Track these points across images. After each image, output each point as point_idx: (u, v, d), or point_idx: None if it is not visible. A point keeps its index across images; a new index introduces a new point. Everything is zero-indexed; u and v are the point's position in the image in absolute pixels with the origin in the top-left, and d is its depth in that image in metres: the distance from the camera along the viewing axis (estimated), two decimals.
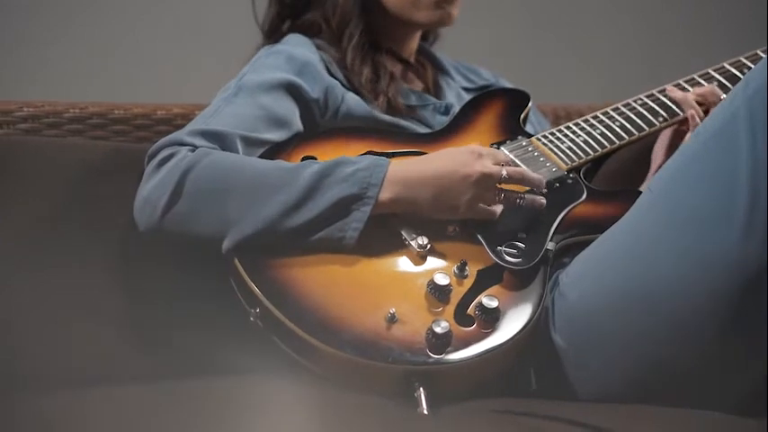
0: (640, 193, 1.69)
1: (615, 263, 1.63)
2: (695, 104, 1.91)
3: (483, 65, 2.27)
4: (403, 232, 1.65)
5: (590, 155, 1.86)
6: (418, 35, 2.08)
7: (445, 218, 1.67)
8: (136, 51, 2.82)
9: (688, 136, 1.91)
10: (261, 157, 1.73)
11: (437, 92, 2.07)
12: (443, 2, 1.97)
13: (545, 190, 1.74)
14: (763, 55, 1.96)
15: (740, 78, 1.86)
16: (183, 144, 1.68)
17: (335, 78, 1.89)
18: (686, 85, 1.95)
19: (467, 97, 2.08)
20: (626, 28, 3.39)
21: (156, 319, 1.72)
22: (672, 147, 1.93)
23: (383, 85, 1.92)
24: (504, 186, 1.69)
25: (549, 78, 3.14)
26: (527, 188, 1.73)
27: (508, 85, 2.20)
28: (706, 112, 1.90)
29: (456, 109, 1.98)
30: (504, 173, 1.67)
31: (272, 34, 2.02)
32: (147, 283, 1.76)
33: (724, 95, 1.90)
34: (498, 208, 1.69)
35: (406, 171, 1.66)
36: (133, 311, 1.73)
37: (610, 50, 3.37)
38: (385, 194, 1.63)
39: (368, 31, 1.97)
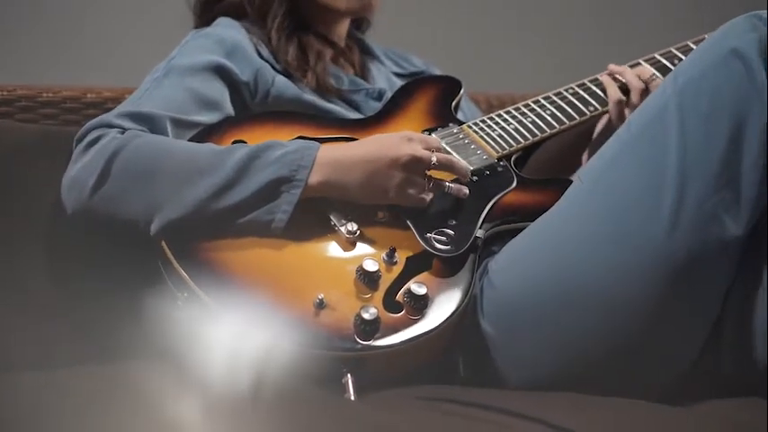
0: (570, 182, 1.70)
1: (544, 251, 1.64)
2: (622, 87, 1.92)
3: (415, 53, 2.27)
4: (332, 218, 1.65)
5: (521, 143, 1.86)
6: (347, 21, 2.07)
7: (375, 202, 1.67)
8: (65, 33, 2.78)
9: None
10: (191, 140, 1.72)
11: (367, 77, 2.06)
12: None
13: (472, 178, 1.75)
14: (693, 46, 1.98)
15: (671, 70, 1.89)
16: (111, 126, 1.67)
17: (266, 61, 1.88)
18: (617, 75, 1.96)
19: (397, 82, 2.08)
20: (560, 17, 3.40)
21: (84, 303, 1.70)
22: (606, 131, 1.94)
23: (311, 62, 1.92)
24: (432, 173, 1.69)
25: (483, 67, 3.13)
26: (455, 176, 1.73)
27: (439, 72, 2.20)
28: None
29: (389, 95, 1.98)
30: (434, 159, 1.67)
31: (203, 15, 2.00)
32: (75, 266, 1.74)
33: (657, 75, 1.91)
34: (428, 195, 1.69)
35: (336, 154, 1.65)
36: (61, 295, 1.71)
37: (544, 39, 3.38)
38: (315, 177, 1.62)
39: (291, 12, 1.95)
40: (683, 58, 1.94)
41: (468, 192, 1.71)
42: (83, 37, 2.80)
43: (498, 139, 1.86)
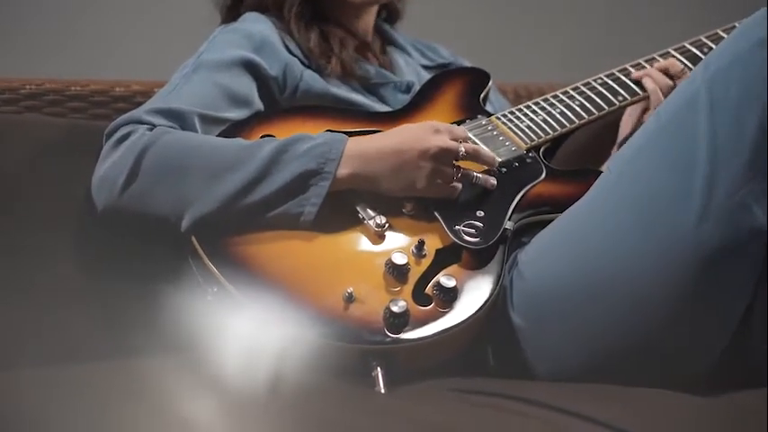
0: (599, 172, 1.70)
1: (572, 242, 1.63)
2: (658, 80, 1.91)
3: (442, 44, 2.27)
4: (360, 211, 1.65)
5: (549, 134, 1.86)
6: (372, 14, 2.06)
7: (404, 194, 1.67)
8: (93, 27, 2.79)
9: (648, 114, 1.91)
10: (220, 135, 1.73)
11: (394, 69, 2.06)
12: None
13: (501, 170, 1.75)
14: (723, 34, 1.97)
15: (701, 58, 1.88)
16: (141, 122, 1.67)
17: (294, 56, 1.88)
18: (646, 65, 1.96)
19: (425, 74, 2.07)
20: (587, 5, 3.39)
21: (118, 298, 1.71)
22: (638, 122, 1.94)
23: (335, 49, 1.92)
24: (460, 164, 1.69)
25: (510, 57, 3.13)
26: (482, 167, 1.73)
27: (467, 64, 2.20)
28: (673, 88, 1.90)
29: (417, 87, 1.97)
30: (462, 149, 1.67)
31: (230, 11, 2.00)
32: (103, 261, 1.75)
33: (689, 67, 1.91)
34: (457, 185, 1.69)
35: (365, 146, 1.65)
36: (93, 290, 1.72)
37: (571, 29, 3.37)
38: (343, 170, 1.63)
39: (307, 1, 1.95)
40: (713, 46, 1.94)
41: (495, 182, 1.71)
42: (111, 30, 2.81)
43: (527, 130, 1.85)
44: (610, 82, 1.94)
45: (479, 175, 1.70)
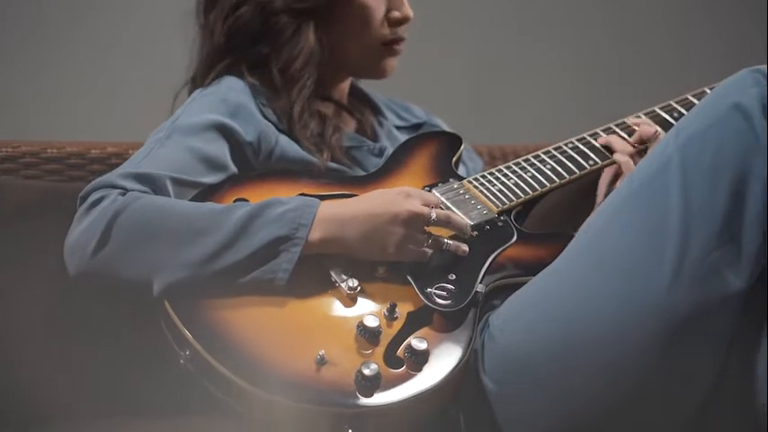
0: (570, 236, 1.71)
1: (545, 306, 1.64)
2: (623, 147, 1.93)
3: (419, 104, 2.28)
4: (333, 274, 1.66)
5: (521, 197, 1.87)
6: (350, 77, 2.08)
7: (375, 259, 1.68)
8: (69, 89, 2.80)
9: (620, 180, 1.93)
10: (193, 199, 1.73)
11: (368, 131, 2.07)
12: (391, 54, 1.99)
13: (472, 233, 1.76)
14: (693, 99, 1.99)
15: (671, 123, 1.91)
16: (114, 187, 1.67)
17: (269, 121, 1.88)
18: (617, 129, 1.97)
19: (399, 136, 2.08)
20: (561, 69, 3.42)
21: (87, 361, 1.71)
22: (611, 186, 1.94)
23: (327, 138, 1.91)
24: (431, 230, 1.70)
25: (485, 119, 3.16)
26: (453, 232, 1.74)
27: (440, 123, 2.21)
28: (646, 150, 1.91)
29: (390, 151, 1.98)
30: (434, 215, 1.68)
31: (208, 71, 1.97)
32: (78, 325, 1.74)
33: (660, 131, 1.93)
34: (427, 251, 1.69)
35: (337, 211, 1.66)
36: (63, 353, 1.72)
37: (545, 92, 3.39)
38: (315, 235, 1.63)
39: (316, 83, 1.94)
40: (683, 111, 1.96)
41: (467, 249, 1.72)
42: (87, 92, 2.82)
43: (498, 193, 1.86)
44: (581, 146, 1.95)
45: (450, 242, 1.71)
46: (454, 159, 1.95)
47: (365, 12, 1.93)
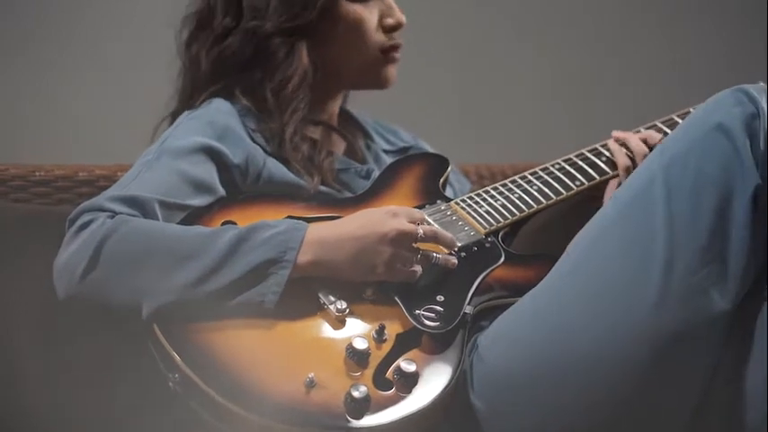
0: (556, 257, 1.71)
1: (532, 326, 1.65)
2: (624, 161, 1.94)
3: (406, 124, 2.29)
4: (321, 296, 1.66)
5: (508, 219, 1.87)
6: (341, 97, 2.09)
7: (364, 279, 1.68)
8: (56, 111, 2.80)
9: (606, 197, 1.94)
10: (182, 222, 1.74)
11: (356, 153, 2.07)
12: (390, 61, 2.00)
13: (460, 254, 1.77)
14: (678, 119, 2.00)
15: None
16: (102, 210, 1.67)
17: (257, 143, 1.88)
18: (603, 149, 1.98)
19: (386, 159, 2.09)
20: (549, 88, 3.43)
21: (76, 385, 1.71)
22: None
23: (318, 162, 1.91)
24: (419, 246, 1.70)
25: (472, 138, 3.16)
26: (441, 248, 1.74)
27: (427, 147, 2.22)
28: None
29: (377, 173, 1.99)
30: (421, 231, 1.69)
31: (193, 97, 1.98)
32: (68, 347, 1.75)
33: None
34: (417, 269, 1.70)
35: (324, 233, 1.67)
36: (52, 376, 1.72)
37: (533, 111, 3.40)
38: (303, 257, 1.64)
39: (309, 104, 1.94)
40: (668, 131, 1.97)
41: (456, 262, 1.73)
42: (74, 115, 2.82)
43: (485, 215, 1.87)
44: (567, 167, 1.96)
45: (439, 256, 1.72)
46: (441, 181, 1.96)
47: (358, 23, 1.95)
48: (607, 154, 1.97)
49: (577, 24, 3.44)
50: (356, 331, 1.64)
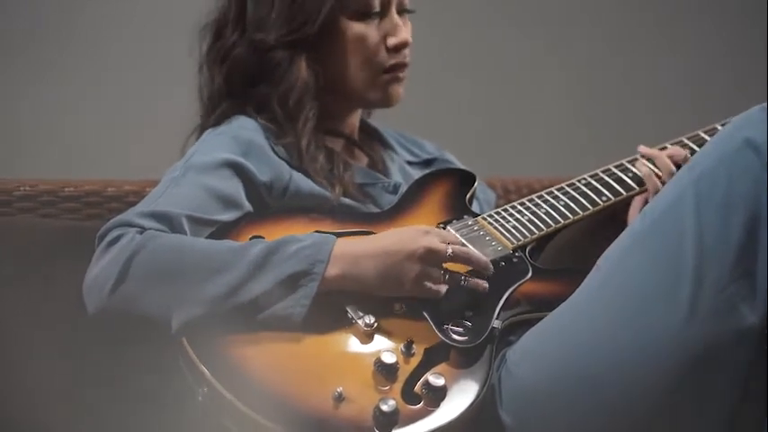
0: (585, 272, 1.71)
1: (561, 340, 1.65)
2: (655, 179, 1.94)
3: (432, 137, 2.29)
4: (350, 311, 1.66)
5: (535, 234, 1.88)
6: (359, 111, 2.09)
7: (392, 295, 1.69)
8: (85, 127, 2.81)
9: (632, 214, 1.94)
10: (210, 237, 1.74)
11: (381, 167, 2.07)
12: (394, 80, 1.99)
13: (491, 272, 1.76)
14: (704, 135, 2.00)
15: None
16: (131, 225, 1.69)
17: (282, 159, 1.89)
18: (630, 165, 1.98)
19: (411, 171, 2.09)
20: (575, 102, 3.43)
21: (106, 400, 1.72)
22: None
23: (338, 173, 1.92)
24: (449, 266, 1.71)
25: (499, 152, 3.17)
26: (471, 269, 1.74)
27: (452, 158, 2.22)
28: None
29: (404, 187, 1.99)
30: (450, 251, 1.69)
31: (213, 112, 1.99)
32: (97, 363, 1.76)
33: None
34: (443, 287, 1.70)
35: (353, 248, 1.67)
36: (82, 393, 1.73)
37: (560, 124, 3.40)
38: (332, 271, 1.65)
39: (319, 114, 1.95)
40: (694, 146, 1.97)
41: (487, 287, 1.72)
42: (103, 131, 2.83)
43: (513, 230, 1.87)
44: (593, 182, 1.96)
45: (468, 278, 1.72)
46: (468, 196, 1.96)
47: (359, 41, 1.95)
48: (634, 170, 1.97)
49: (607, 39, 3.44)
50: (384, 345, 1.64)
